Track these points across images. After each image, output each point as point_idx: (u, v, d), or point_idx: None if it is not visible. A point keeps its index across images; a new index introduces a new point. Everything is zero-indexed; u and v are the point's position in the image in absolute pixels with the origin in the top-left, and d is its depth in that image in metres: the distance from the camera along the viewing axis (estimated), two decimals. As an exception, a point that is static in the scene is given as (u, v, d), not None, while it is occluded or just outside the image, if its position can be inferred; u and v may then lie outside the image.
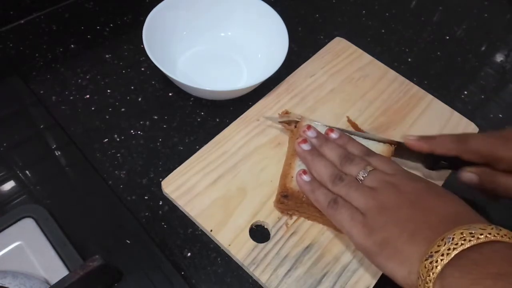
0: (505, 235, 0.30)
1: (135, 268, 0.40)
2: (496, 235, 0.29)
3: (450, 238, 0.30)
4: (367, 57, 0.60)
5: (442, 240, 0.30)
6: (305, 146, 0.43)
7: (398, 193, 0.36)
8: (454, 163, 0.43)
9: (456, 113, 0.55)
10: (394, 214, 0.35)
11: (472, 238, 0.29)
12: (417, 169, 0.47)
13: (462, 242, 0.29)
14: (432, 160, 0.45)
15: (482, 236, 0.29)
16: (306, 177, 0.41)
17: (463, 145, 0.42)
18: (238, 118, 0.51)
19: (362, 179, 0.38)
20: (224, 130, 0.49)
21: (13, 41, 0.55)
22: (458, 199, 0.36)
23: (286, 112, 0.50)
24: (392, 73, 0.58)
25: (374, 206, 0.36)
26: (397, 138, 0.47)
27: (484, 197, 0.44)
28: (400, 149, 0.46)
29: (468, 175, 0.42)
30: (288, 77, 0.55)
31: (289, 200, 0.43)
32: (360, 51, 0.60)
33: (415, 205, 0.35)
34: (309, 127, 0.44)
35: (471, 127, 0.54)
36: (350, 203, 0.37)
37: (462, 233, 0.30)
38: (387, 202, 0.36)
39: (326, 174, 0.40)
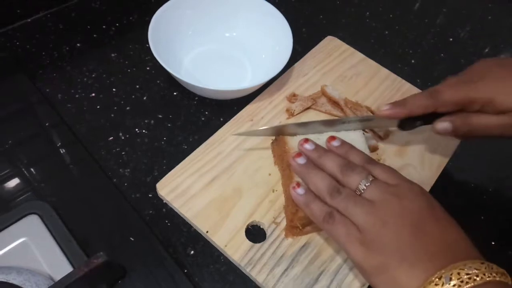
0: (496, 274, 0.31)
1: (138, 265, 0.40)
2: (489, 276, 0.30)
3: (447, 278, 0.30)
4: (359, 55, 0.60)
5: (440, 279, 0.31)
6: (300, 160, 0.41)
7: (400, 210, 0.35)
8: (428, 119, 0.44)
9: None
10: (395, 236, 0.34)
11: (468, 280, 0.30)
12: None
13: (460, 284, 0.30)
14: (407, 123, 0.45)
15: (478, 278, 0.30)
16: (300, 190, 0.40)
17: (437, 100, 0.42)
18: (232, 119, 0.51)
19: (363, 191, 0.37)
20: (217, 132, 0.49)
21: (20, 40, 0.55)
22: (455, 224, 0.35)
23: (294, 95, 0.50)
24: (384, 71, 0.59)
25: (373, 223, 0.35)
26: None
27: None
28: (372, 122, 0.47)
29: (443, 124, 0.43)
30: (280, 77, 0.55)
31: (303, 228, 0.42)
32: (351, 49, 0.60)
33: (417, 228, 0.34)
34: (306, 140, 0.43)
35: None
36: (347, 218, 0.36)
37: (459, 274, 0.30)
38: (387, 219, 0.34)
39: (323, 186, 0.39)
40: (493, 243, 0.46)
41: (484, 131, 0.43)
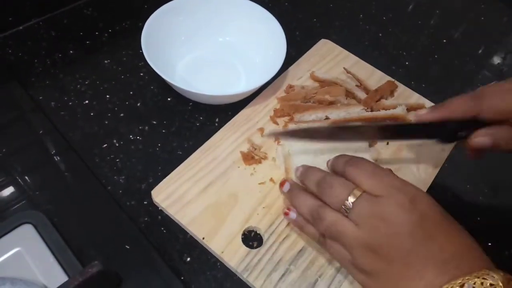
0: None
1: (134, 273, 0.40)
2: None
3: (470, 285, 0.29)
4: (353, 58, 0.60)
5: (462, 286, 0.29)
6: (285, 187, 0.41)
7: (388, 231, 0.32)
8: (468, 128, 0.39)
9: None
10: (384, 254, 0.32)
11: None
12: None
13: None
14: (447, 133, 0.40)
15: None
16: (291, 215, 0.40)
17: (479, 103, 0.37)
18: (227, 124, 0.51)
19: (348, 211, 0.34)
20: (213, 137, 0.49)
21: (12, 47, 0.55)
22: (462, 230, 0.33)
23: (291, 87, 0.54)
24: (378, 73, 0.59)
25: (359, 247, 0.33)
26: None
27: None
28: (408, 130, 0.42)
29: (480, 139, 0.38)
30: (274, 81, 0.55)
31: None
32: (346, 52, 0.60)
33: (413, 236, 0.32)
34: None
35: None
36: (337, 242, 0.35)
37: (482, 284, 0.29)
38: (373, 242, 0.33)
39: (305, 213, 0.38)
40: (489, 244, 0.46)
41: None
